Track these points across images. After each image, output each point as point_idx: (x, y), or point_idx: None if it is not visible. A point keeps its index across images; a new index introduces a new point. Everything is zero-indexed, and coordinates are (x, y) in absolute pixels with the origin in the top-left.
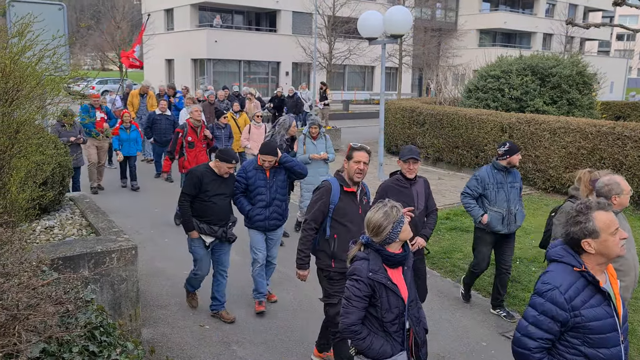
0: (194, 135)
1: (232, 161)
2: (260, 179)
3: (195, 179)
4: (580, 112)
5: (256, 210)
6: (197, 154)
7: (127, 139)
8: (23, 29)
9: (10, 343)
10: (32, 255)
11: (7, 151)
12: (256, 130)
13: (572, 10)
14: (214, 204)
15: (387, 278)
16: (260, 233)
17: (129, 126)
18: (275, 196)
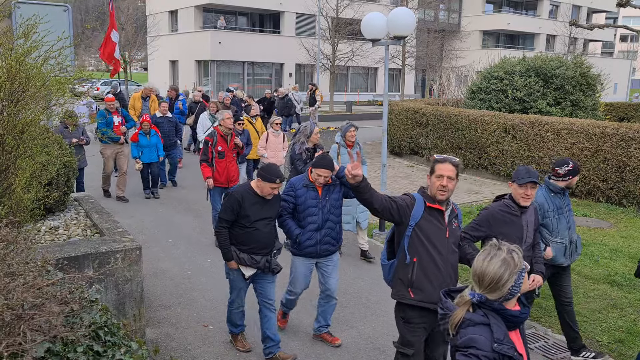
0: (224, 145)
1: (276, 180)
2: (311, 197)
3: (235, 203)
4: (584, 114)
5: (306, 234)
6: (227, 164)
7: (147, 145)
8: (28, 30)
9: (15, 342)
10: (37, 255)
11: (13, 151)
12: (274, 138)
13: (576, 12)
14: (256, 230)
15: (514, 348)
16: (308, 263)
17: (149, 131)
18: (328, 217)
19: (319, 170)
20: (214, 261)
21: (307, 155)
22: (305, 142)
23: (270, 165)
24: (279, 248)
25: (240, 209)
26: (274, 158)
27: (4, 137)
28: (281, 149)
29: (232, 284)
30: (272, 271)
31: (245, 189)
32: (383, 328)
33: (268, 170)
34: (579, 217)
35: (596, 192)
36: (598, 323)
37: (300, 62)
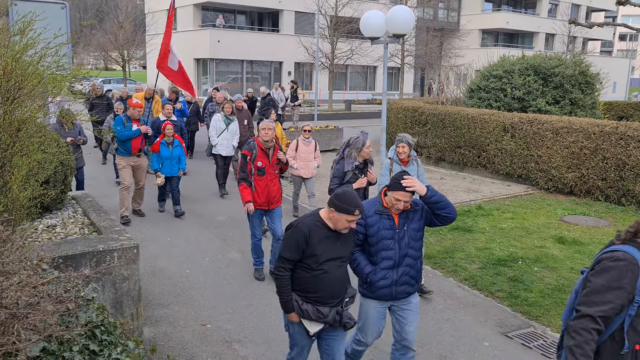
0: (264, 160)
1: (355, 211)
2: (385, 227)
3: (301, 238)
4: (583, 112)
5: (380, 273)
6: (268, 183)
7: (169, 157)
8: (25, 27)
9: (9, 342)
10: (33, 254)
11: (9, 149)
12: (305, 146)
13: (575, 10)
14: (325, 274)
15: None
16: (381, 307)
17: (172, 141)
18: (407, 252)
19: (398, 193)
20: (213, 260)
21: (355, 172)
22: (356, 156)
23: (346, 191)
24: (352, 295)
25: (306, 245)
26: (304, 169)
27: (0, 134)
28: (312, 159)
29: (292, 339)
30: (343, 326)
31: (313, 220)
32: None
33: (344, 198)
34: (577, 215)
35: (595, 190)
36: None
37: (299, 61)
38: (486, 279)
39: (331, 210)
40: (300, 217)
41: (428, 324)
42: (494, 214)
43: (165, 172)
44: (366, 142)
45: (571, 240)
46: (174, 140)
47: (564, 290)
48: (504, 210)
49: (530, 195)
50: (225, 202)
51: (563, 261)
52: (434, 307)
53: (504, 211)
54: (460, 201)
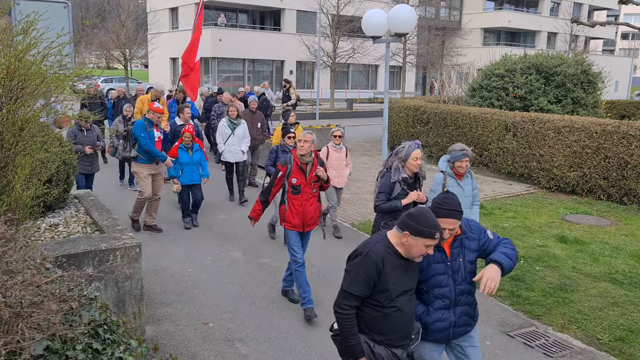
0: (300, 177)
1: (435, 234)
2: (436, 260)
3: (372, 270)
4: (585, 111)
5: (434, 315)
6: (303, 202)
7: (189, 162)
8: (27, 27)
9: (13, 340)
10: (36, 253)
11: (12, 149)
12: (336, 153)
13: (577, 9)
14: (397, 312)
15: None
16: (438, 349)
17: (191, 145)
18: (464, 288)
19: (443, 220)
20: (215, 259)
21: (403, 187)
22: (402, 169)
23: (422, 211)
24: (418, 331)
25: (379, 278)
26: (337, 178)
27: (3, 134)
28: (344, 167)
29: None
30: None
31: (384, 247)
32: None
33: (421, 218)
34: (579, 215)
35: (597, 190)
36: (599, 321)
37: (301, 60)
38: None
39: (405, 234)
40: (367, 242)
41: None
42: (496, 213)
43: (186, 179)
44: (412, 154)
45: (573, 239)
46: (194, 144)
47: (566, 289)
48: (505, 210)
49: (532, 194)
50: (227, 201)
51: (565, 260)
52: None
53: (505, 210)
54: None
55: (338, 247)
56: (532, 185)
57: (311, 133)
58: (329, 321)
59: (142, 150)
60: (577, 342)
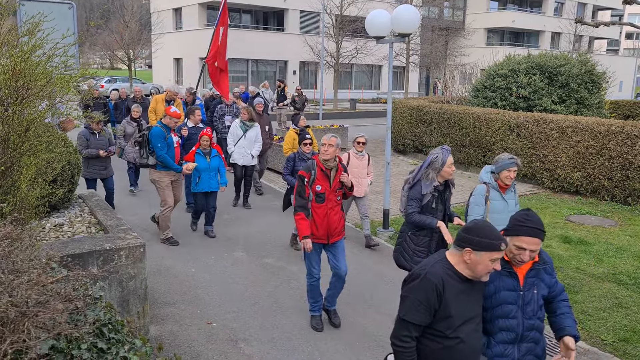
0: (324, 183)
1: (501, 245)
2: (507, 287)
3: (432, 294)
4: (589, 111)
5: (496, 348)
6: (328, 211)
7: (205, 169)
8: (33, 27)
9: (19, 339)
10: (42, 253)
11: (17, 149)
12: (358, 161)
13: (581, 9)
14: (462, 345)
15: None
16: None
17: (209, 151)
18: (533, 323)
19: (523, 239)
20: (218, 259)
21: (436, 197)
22: (435, 178)
23: (479, 222)
24: None
25: (440, 304)
26: (357, 187)
27: (9, 134)
28: (365, 175)
29: None
30: None
31: (443, 268)
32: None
33: (481, 230)
34: (583, 215)
35: (601, 190)
36: (603, 322)
37: (304, 60)
38: None
39: (466, 251)
40: (424, 264)
41: None
42: None
43: (203, 186)
44: (447, 160)
45: (577, 239)
46: (211, 149)
47: (570, 290)
48: None
49: (535, 194)
50: (231, 201)
51: (569, 261)
52: None
53: None
54: (465, 201)
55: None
56: (536, 185)
57: (336, 136)
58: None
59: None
60: (581, 342)
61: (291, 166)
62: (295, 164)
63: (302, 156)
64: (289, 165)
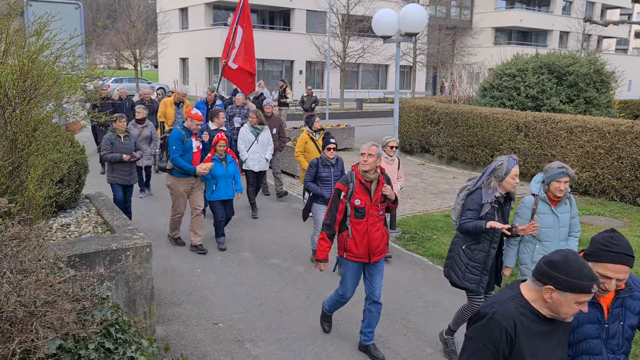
0: (365, 197)
1: (592, 287)
2: (590, 320)
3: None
4: (598, 111)
5: None
6: (369, 228)
7: (223, 175)
8: (41, 28)
9: (28, 339)
10: (49, 253)
11: (25, 149)
12: (388, 166)
13: (590, 8)
14: None
15: None
16: None
17: (224, 156)
18: (619, 358)
19: (610, 267)
20: (224, 259)
21: (495, 207)
22: (496, 187)
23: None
24: None
25: (510, 350)
26: None
27: (17, 134)
28: (396, 180)
29: None
30: None
31: (517, 307)
32: (393, 326)
33: (570, 267)
34: (592, 216)
35: (610, 190)
36: None
37: (311, 60)
38: None
39: (547, 288)
40: (493, 300)
41: (438, 324)
42: None
43: (221, 194)
44: (512, 170)
45: (586, 240)
46: (227, 155)
47: None
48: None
49: None
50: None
51: None
52: (446, 307)
53: None
54: None
55: None
56: None
57: (376, 145)
58: (343, 322)
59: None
60: None
61: (313, 173)
62: (319, 170)
63: (326, 162)
64: (311, 172)
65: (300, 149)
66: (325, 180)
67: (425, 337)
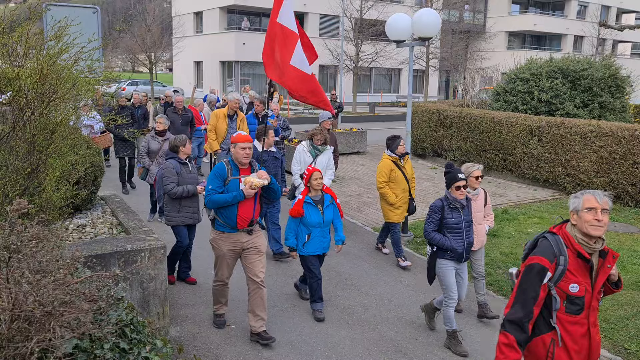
0: (585, 279)
1: None
2: None
3: None
4: (613, 116)
5: None
6: (590, 329)
7: (319, 224)
8: (60, 32)
9: (45, 338)
10: (67, 253)
11: (44, 151)
12: (473, 202)
13: (605, 12)
14: None
15: None
16: None
17: (321, 197)
18: None
19: None
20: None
21: None
22: None
23: None
24: None
25: None
26: (477, 236)
27: (36, 136)
28: (482, 220)
29: None
30: None
31: None
32: (405, 330)
33: None
34: None
35: (625, 196)
36: (626, 330)
37: (324, 63)
38: (512, 285)
39: None
40: None
41: None
42: (520, 219)
43: (315, 248)
44: None
45: None
46: (324, 195)
47: None
48: (530, 215)
49: (557, 200)
50: None
51: None
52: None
53: (530, 216)
54: None
55: None
56: (557, 190)
57: (608, 197)
58: (352, 324)
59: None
60: (604, 351)
61: (438, 219)
62: (445, 214)
63: (454, 204)
64: (434, 218)
65: (383, 178)
66: (454, 228)
67: (437, 340)
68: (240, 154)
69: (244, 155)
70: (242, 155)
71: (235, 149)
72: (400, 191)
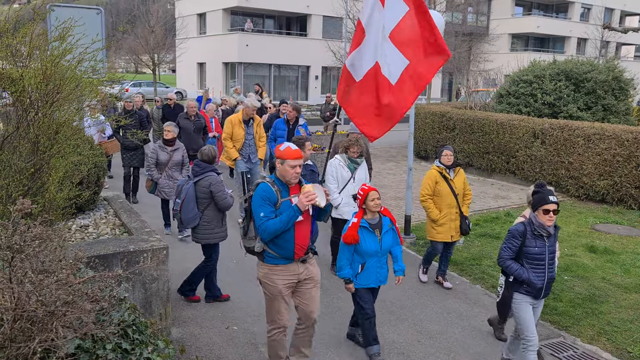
0: None
1: None
2: None
3: None
4: (616, 119)
5: None
6: None
7: (376, 252)
8: (64, 33)
9: (48, 338)
10: (70, 253)
11: (47, 151)
12: None
13: (608, 14)
14: None
15: None
16: None
17: (379, 220)
18: None
19: None
20: (239, 262)
21: None
22: None
23: None
24: None
25: None
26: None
27: (39, 137)
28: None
29: None
30: None
31: None
32: (407, 332)
33: None
34: (609, 224)
35: (628, 199)
36: (629, 334)
37: (327, 65)
38: None
39: None
40: None
41: (454, 331)
42: None
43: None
44: None
45: (603, 249)
46: (383, 218)
47: (595, 300)
48: None
49: (560, 202)
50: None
51: (594, 270)
52: (460, 314)
53: None
54: (488, 208)
55: None
56: (561, 193)
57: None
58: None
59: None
60: (607, 354)
61: (517, 246)
62: (526, 242)
63: (539, 230)
64: (514, 244)
65: (426, 191)
66: (536, 259)
67: (439, 343)
68: (290, 173)
69: (294, 174)
70: (291, 174)
71: (283, 166)
72: (445, 206)
